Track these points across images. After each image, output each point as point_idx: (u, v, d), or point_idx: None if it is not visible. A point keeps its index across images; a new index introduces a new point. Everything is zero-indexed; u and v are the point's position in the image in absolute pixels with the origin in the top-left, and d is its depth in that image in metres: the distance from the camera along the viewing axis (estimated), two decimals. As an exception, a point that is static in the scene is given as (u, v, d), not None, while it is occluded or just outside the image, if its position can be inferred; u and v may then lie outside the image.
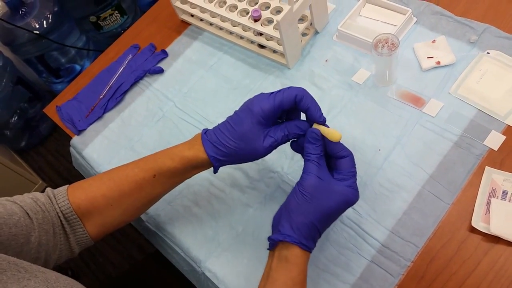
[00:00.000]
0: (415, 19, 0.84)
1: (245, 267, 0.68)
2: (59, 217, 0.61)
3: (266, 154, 0.60)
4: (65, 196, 0.62)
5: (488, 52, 0.76)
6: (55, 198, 0.62)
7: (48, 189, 0.63)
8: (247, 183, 0.75)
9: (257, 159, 0.61)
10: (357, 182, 0.69)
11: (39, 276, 0.48)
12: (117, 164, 0.82)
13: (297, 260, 0.54)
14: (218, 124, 0.61)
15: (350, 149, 0.73)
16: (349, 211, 0.67)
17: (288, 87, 0.58)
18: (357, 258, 0.64)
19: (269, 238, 0.57)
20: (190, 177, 0.64)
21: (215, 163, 0.60)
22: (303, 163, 0.73)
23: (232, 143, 0.58)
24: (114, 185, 0.63)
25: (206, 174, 0.77)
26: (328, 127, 0.58)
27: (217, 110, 0.84)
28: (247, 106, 0.59)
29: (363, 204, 0.68)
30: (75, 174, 0.92)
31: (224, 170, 0.77)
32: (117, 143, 0.86)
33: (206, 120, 0.84)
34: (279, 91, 0.59)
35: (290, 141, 0.61)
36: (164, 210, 0.76)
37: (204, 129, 0.62)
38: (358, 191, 0.57)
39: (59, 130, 1.97)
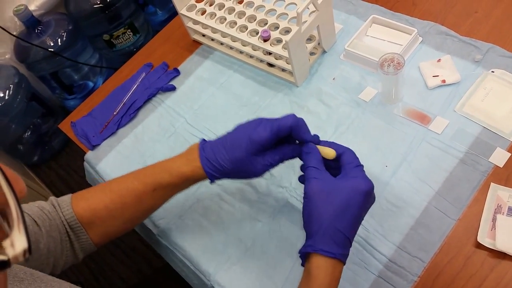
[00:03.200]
0: (420, 39, 0.86)
1: (253, 281, 0.69)
2: (64, 224, 0.63)
3: (261, 175, 0.62)
4: (69, 205, 0.64)
5: (493, 71, 0.78)
6: (60, 207, 0.64)
7: (52, 198, 0.65)
8: (256, 198, 0.76)
9: (251, 178, 0.63)
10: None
11: (54, 285, 0.50)
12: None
13: (318, 270, 0.52)
14: (217, 139, 0.63)
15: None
16: (356, 226, 0.69)
17: (284, 116, 0.59)
18: (365, 273, 0.65)
19: (299, 253, 0.56)
20: (188, 187, 0.67)
21: (212, 179, 0.63)
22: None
23: (229, 165, 0.60)
24: (116, 197, 0.65)
25: (217, 189, 0.79)
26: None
27: (227, 126, 0.86)
28: (246, 134, 0.60)
29: (370, 219, 0.69)
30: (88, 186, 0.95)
31: (233, 185, 0.79)
32: (130, 158, 0.89)
33: (216, 136, 0.85)
34: (275, 120, 0.60)
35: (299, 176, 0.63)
36: (175, 224, 0.78)
37: (201, 141, 0.64)
38: (368, 179, 0.55)
39: (71, 145, 2.01)
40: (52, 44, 1.68)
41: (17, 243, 0.25)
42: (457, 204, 0.67)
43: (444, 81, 0.78)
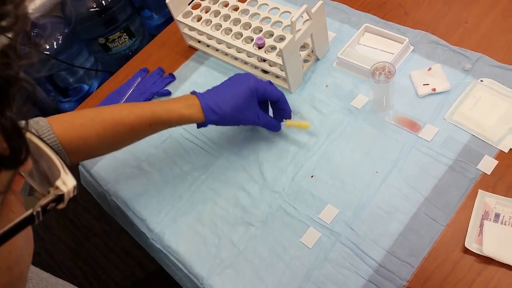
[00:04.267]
0: (412, 48, 0.88)
1: (246, 284, 0.70)
2: None
3: (251, 123, 0.77)
4: (50, 130, 0.64)
5: (482, 80, 0.80)
6: (37, 132, 0.63)
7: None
8: (249, 202, 0.78)
9: (242, 125, 0.79)
10: (355, 204, 0.72)
11: (59, 287, 0.50)
12: (125, 183, 0.86)
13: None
14: (213, 88, 0.73)
15: (349, 172, 0.77)
16: (347, 231, 0.70)
17: (275, 88, 0.76)
18: (355, 277, 0.66)
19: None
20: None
21: (208, 123, 0.73)
22: (303, 183, 0.76)
23: (229, 110, 0.70)
24: (110, 126, 0.68)
25: (211, 194, 0.80)
26: None
27: (222, 132, 0.88)
28: (246, 85, 0.72)
29: (361, 224, 0.70)
30: (80, 191, 0.95)
31: (227, 190, 0.80)
32: (124, 162, 0.89)
33: (211, 141, 0.87)
34: (271, 84, 0.76)
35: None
36: (169, 228, 0.79)
37: (195, 92, 0.74)
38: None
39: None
40: (47, 47, 1.69)
41: (68, 181, 0.30)
42: (446, 210, 0.69)
43: (434, 89, 0.80)
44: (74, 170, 0.95)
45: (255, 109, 0.75)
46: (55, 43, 1.70)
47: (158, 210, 0.81)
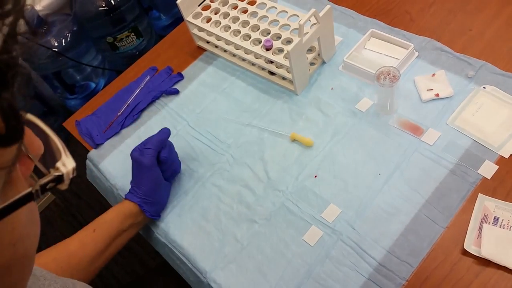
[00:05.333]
0: (416, 54, 0.90)
1: (248, 279, 0.71)
2: None
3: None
4: None
5: (484, 87, 0.82)
6: None
7: None
8: (254, 200, 0.79)
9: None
10: (358, 204, 0.74)
11: (58, 281, 0.52)
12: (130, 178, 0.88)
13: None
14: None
15: (352, 173, 0.78)
16: (349, 230, 0.72)
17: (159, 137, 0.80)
18: (355, 275, 0.68)
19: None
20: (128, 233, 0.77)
21: (141, 205, 0.76)
22: (307, 183, 0.78)
23: (144, 188, 0.77)
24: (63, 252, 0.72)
25: (215, 191, 0.82)
26: None
27: (228, 130, 0.90)
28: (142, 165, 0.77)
29: (362, 224, 0.72)
30: (84, 188, 0.97)
31: (232, 188, 0.81)
32: (132, 157, 0.91)
33: (217, 139, 0.89)
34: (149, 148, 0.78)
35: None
36: (174, 223, 0.81)
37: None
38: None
39: (72, 145, 2.02)
40: (56, 44, 1.71)
41: (67, 163, 0.32)
42: (446, 212, 0.70)
43: (437, 95, 0.82)
44: (78, 167, 0.96)
45: (157, 171, 0.78)
46: (63, 40, 1.72)
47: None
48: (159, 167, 0.78)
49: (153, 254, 0.87)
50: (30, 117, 0.33)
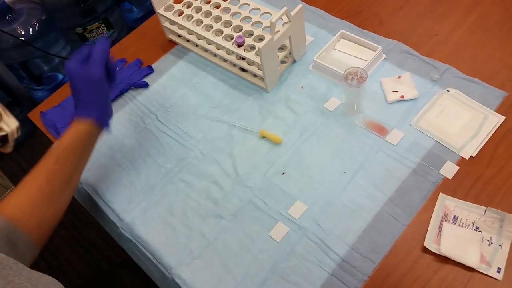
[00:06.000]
0: (384, 56, 0.92)
1: (214, 274, 0.71)
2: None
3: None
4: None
5: (448, 90, 0.84)
6: None
7: None
8: (221, 196, 0.79)
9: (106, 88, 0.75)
10: (323, 201, 0.75)
11: (24, 273, 0.50)
12: (98, 172, 0.87)
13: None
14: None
15: (319, 170, 0.79)
16: (314, 227, 0.73)
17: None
18: (319, 271, 0.69)
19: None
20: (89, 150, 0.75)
21: (90, 115, 0.72)
22: (275, 180, 0.79)
23: (82, 94, 0.72)
24: (32, 183, 0.68)
25: (183, 186, 0.81)
26: None
27: (198, 125, 0.89)
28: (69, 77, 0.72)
29: (326, 221, 0.73)
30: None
31: (200, 183, 0.81)
32: (98, 151, 0.89)
33: (186, 134, 0.88)
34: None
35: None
36: (139, 218, 0.80)
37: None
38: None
39: (37, 137, 1.97)
40: (23, 32, 1.66)
41: (10, 123, 0.30)
42: (408, 210, 0.72)
43: (403, 96, 0.84)
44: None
45: (85, 71, 0.72)
46: (31, 29, 1.67)
47: (130, 200, 0.82)
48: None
49: (118, 250, 0.85)
50: None
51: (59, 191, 0.70)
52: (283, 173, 0.80)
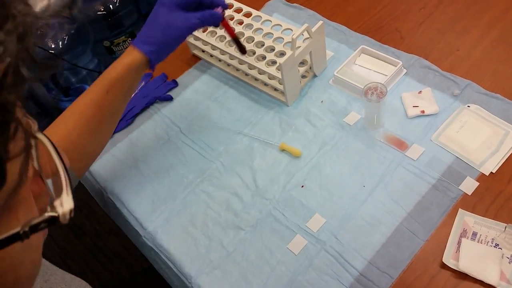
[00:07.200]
0: (404, 71, 0.92)
1: (232, 285, 0.73)
2: None
3: (189, 34, 0.76)
4: None
5: (469, 105, 0.84)
6: None
7: None
8: (241, 207, 0.81)
9: (183, 40, 0.76)
10: (342, 215, 0.75)
11: (58, 274, 0.53)
12: (122, 182, 0.90)
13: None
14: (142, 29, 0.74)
15: (338, 184, 0.80)
16: (332, 240, 0.73)
17: None
18: (336, 284, 0.69)
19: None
20: (136, 80, 0.75)
21: (150, 55, 0.71)
22: (294, 192, 0.80)
23: (158, 33, 0.72)
24: (77, 115, 0.69)
25: (204, 197, 0.83)
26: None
27: (219, 138, 0.91)
28: (159, 2, 0.72)
29: (345, 234, 0.74)
30: (76, 188, 0.98)
31: (221, 195, 0.83)
32: (123, 161, 0.93)
33: (208, 147, 0.91)
34: None
35: None
36: (161, 227, 0.82)
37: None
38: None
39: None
40: (53, 46, 1.72)
41: (65, 203, 0.30)
42: (427, 226, 0.72)
43: (423, 111, 0.84)
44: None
45: (181, 15, 0.72)
46: (60, 42, 1.73)
47: (152, 210, 0.84)
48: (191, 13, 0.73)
49: (140, 258, 0.88)
50: (44, 140, 0.31)
51: (105, 123, 0.70)
52: (302, 186, 0.81)
